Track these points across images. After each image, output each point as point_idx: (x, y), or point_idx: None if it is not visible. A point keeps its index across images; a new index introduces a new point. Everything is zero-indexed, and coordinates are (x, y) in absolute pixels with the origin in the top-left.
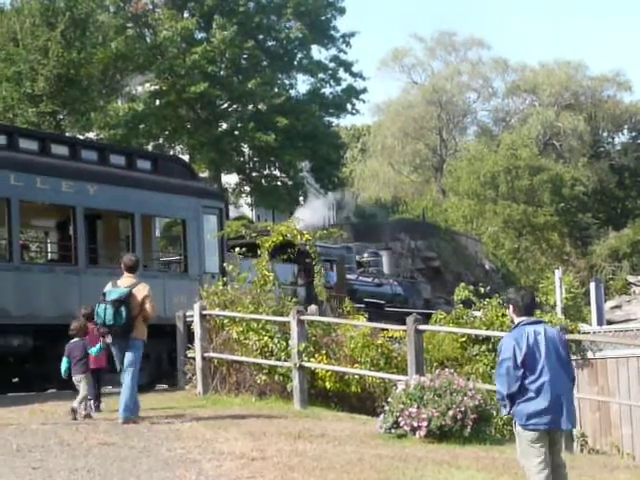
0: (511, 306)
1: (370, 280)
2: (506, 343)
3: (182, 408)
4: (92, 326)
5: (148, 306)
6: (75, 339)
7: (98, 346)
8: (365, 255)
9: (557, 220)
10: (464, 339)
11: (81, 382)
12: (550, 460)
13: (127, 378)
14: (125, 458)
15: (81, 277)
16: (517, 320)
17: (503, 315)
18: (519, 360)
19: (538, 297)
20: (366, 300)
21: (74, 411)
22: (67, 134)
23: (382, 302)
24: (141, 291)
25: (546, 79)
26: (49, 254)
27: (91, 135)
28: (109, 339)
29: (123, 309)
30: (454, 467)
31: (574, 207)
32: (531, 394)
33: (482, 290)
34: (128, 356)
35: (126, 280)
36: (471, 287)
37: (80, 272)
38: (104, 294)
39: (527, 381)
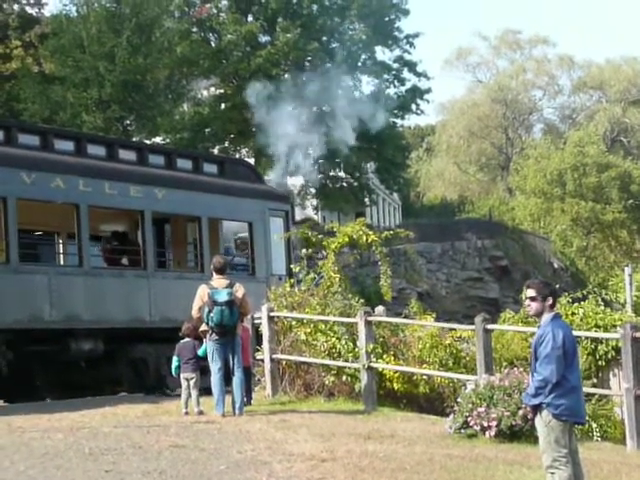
0: (552, 298)
1: None
2: (557, 332)
3: (252, 410)
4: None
5: (247, 304)
6: (186, 339)
7: (204, 347)
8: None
9: (626, 217)
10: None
11: (191, 381)
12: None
13: (240, 375)
14: (196, 460)
15: (150, 281)
16: (551, 313)
17: (573, 314)
18: (563, 352)
19: (608, 295)
20: None
21: (201, 413)
22: (134, 139)
23: None
24: (239, 290)
25: (613, 75)
26: (119, 259)
27: (158, 140)
28: (214, 338)
29: (235, 309)
30: (525, 467)
31: None
32: (568, 387)
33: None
34: (236, 354)
35: (221, 281)
36: None
37: (149, 276)
38: (209, 296)
39: (566, 373)
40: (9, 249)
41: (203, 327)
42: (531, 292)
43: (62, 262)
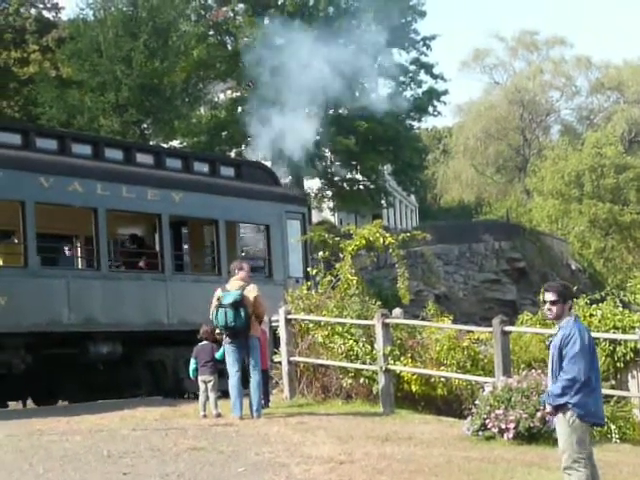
0: (571, 301)
1: None
2: (583, 333)
3: (269, 412)
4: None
5: (260, 306)
6: (203, 342)
7: (222, 350)
8: None
9: None
10: None
11: (209, 383)
12: None
13: (257, 377)
14: (214, 463)
15: (168, 284)
16: (572, 315)
17: (591, 315)
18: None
19: (626, 296)
20: None
21: (219, 415)
22: (151, 143)
23: None
24: (251, 292)
25: (631, 76)
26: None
27: (175, 143)
28: (227, 340)
29: (242, 310)
30: (544, 469)
31: None
32: (592, 387)
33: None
34: (252, 356)
35: (235, 283)
36: None
37: (167, 279)
38: (218, 299)
39: (590, 374)
40: (27, 253)
41: (218, 330)
42: (552, 296)
43: (80, 266)
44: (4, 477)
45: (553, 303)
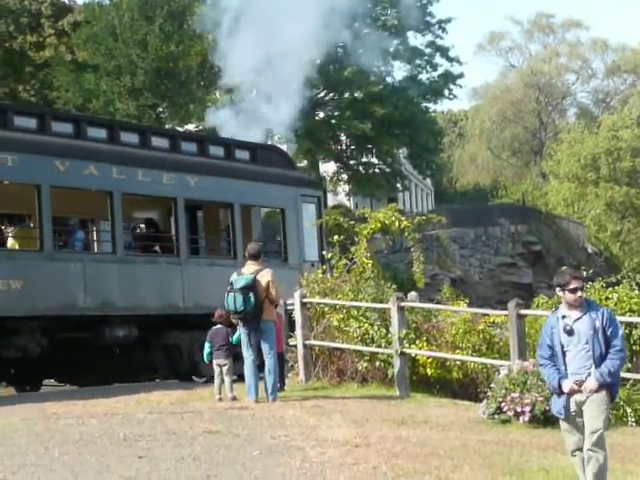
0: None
1: None
2: (617, 319)
3: (285, 396)
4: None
5: (273, 290)
6: (218, 326)
7: (237, 334)
8: None
9: None
10: None
11: (224, 367)
12: None
13: (270, 361)
14: (230, 446)
15: (183, 268)
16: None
17: (607, 298)
18: None
19: None
20: None
21: (235, 398)
22: (166, 126)
23: None
24: (265, 276)
25: None
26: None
27: (190, 127)
28: (241, 324)
29: (251, 295)
30: (560, 452)
31: None
32: None
33: (585, 274)
34: (266, 340)
35: (250, 267)
36: None
37: (182, 263)
38: (231, 283)
39: None
40: (43, 237)
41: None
42: (579, 283)
43: (96, 249)
44: (20, 461)
45: (582, 289)
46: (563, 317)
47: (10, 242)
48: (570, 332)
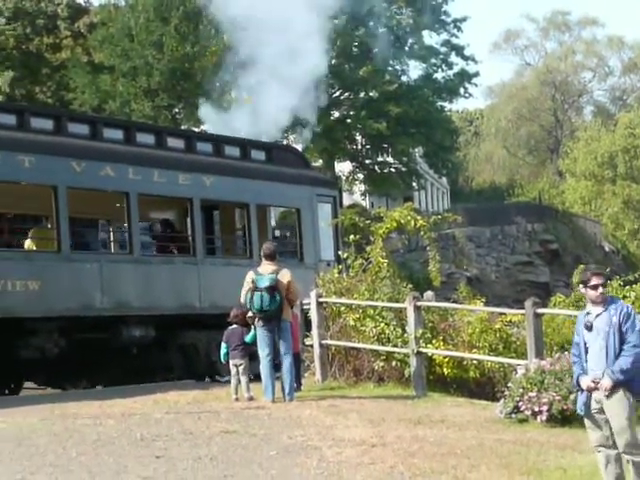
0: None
1: None
2: (637, 316)
3: (301, 395)
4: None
5: (293, 290)
6: (234, 326)
7: (252, 333)
8: None
9: None
10: None
11: (240, 367)
12: None
13: (287, 361)
14: (247, 446)
15: (199, 268)
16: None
17: (625, 297)
18: None
19: None
20: None
21: (251, 398)
22: (182, 127)
23: None
24: (285, 276)
25: None
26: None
27: (205, 127)
28: (260, 324)
29: (277, 294)
30: (577, 451)
31: None
32: None
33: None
34: (284, 340)
35: (268, 267)
36: None
37: (198, 263)
38: (253, 282)
39: None
40: (60, 237)
41: (250, 313)
42: (601, 279)
43: (112, 250)
44: (38, 461)
45: (604, 286)
46: (587, 314)
47: (27, 243)
48: (590, 328)
